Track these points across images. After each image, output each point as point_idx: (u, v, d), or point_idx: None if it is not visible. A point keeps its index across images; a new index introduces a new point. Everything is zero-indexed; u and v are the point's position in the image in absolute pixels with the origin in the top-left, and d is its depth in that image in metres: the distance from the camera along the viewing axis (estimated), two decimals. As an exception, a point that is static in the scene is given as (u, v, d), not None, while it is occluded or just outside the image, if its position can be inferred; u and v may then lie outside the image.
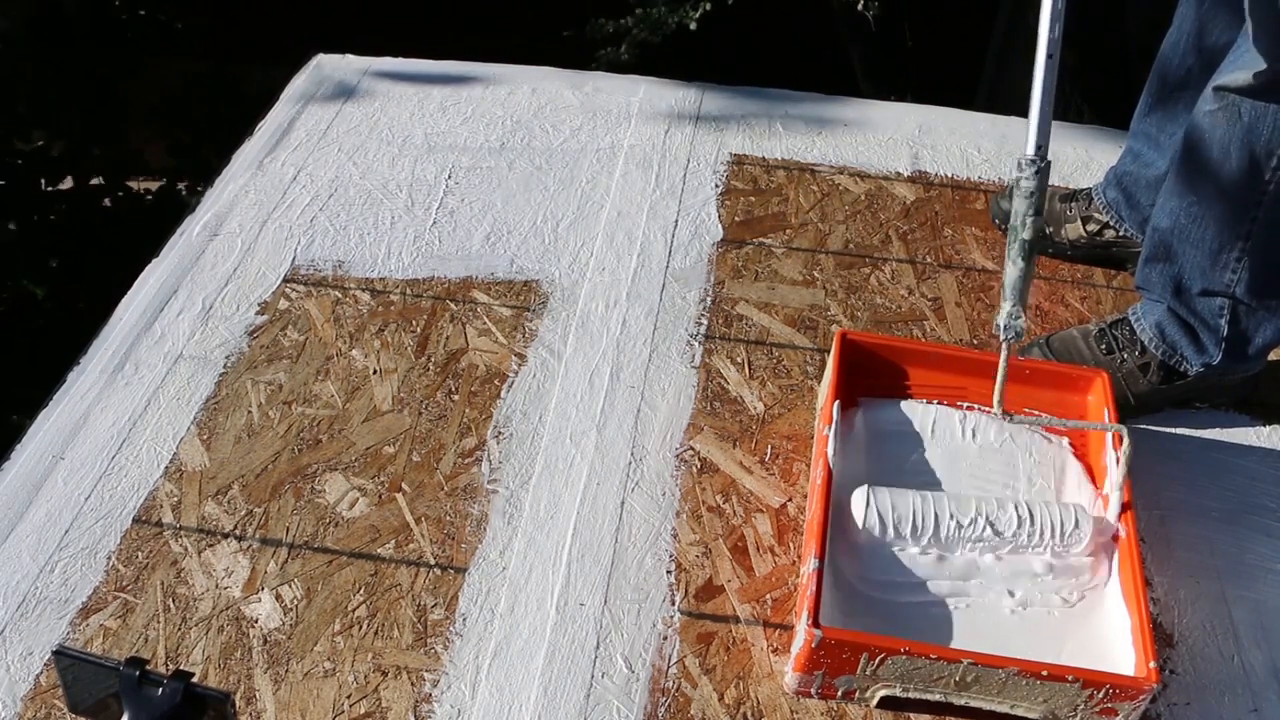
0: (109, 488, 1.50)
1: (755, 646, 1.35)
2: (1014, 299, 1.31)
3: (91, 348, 1.71)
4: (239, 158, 2.10)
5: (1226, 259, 1.52)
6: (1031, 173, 1.27)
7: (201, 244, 1.90)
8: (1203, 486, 1.57)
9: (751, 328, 1.78)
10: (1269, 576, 1.46)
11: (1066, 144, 2.20)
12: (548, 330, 1.75)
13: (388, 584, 1.40)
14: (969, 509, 1.37)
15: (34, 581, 1.39)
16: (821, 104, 2.31)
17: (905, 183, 2.10)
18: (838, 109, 2.29)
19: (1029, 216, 1.28)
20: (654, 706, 1.29)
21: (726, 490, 1.53)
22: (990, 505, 1.38)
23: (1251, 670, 1.36)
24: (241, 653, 1.33)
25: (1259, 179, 1.45)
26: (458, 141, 2.15)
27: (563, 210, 1.99)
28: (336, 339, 1.73)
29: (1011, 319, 1.30)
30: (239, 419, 1.60)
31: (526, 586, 1.40)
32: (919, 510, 1.37)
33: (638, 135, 2.18)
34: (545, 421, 1.61)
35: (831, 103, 2.32)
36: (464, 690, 1.30)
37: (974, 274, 1.90)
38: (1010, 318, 1.30)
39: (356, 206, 1.98)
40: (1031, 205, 1.28)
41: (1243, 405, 1.68)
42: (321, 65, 2.37)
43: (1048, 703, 1.23)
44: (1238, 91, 1.42)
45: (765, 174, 2.10)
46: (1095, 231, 1.88)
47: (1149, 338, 1.63)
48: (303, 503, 1.50)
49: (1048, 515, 1.37)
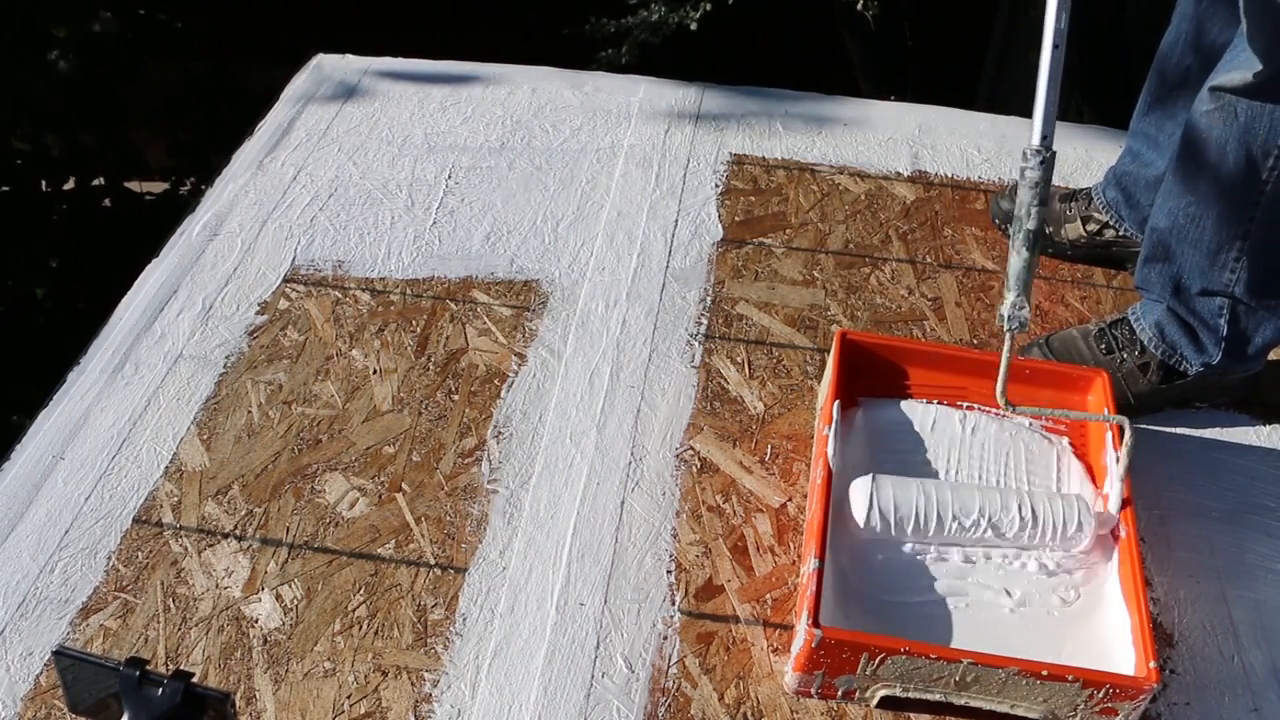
0: (109, 488, 1.50)
1: (755, 646, 1.35)
2: (1018, 289, 1.31)
3: (91, 348, 1.71)
4: (239, 157, 2.10)
5: (1225, 259, 1.52)
6: (1036, 163, 1.27)
7: (201, 244, 1.90)
8: (1203, 486, 1.57)
9: (751, 328, 1.78)
10: (1269, 576, 1.46)
11: (1066, 144, 2.20)
12: (548, 330, 1.75)
13: (388, 584, 1.40)
14: (972, 509, 1.37)
15: (34, 581, 1.39)
16: (821, 104, 2.31)
17: (905, 183, 2.10)
18: (838, 109, 2.30)
19: (1034, 206, 1.28)
20: (654, 706, 1.29)
21: (726, 490, 1.53)
22: (994, 504, 1.38)
23: (1251, 670, 1.36)
24: (241, 653, 1.33)
25: (1256, 179, 1.45)
26: (458, 141, 2.15)
27: (563, 210, 1.99)
28: (336, 339, 1.73)
29: (1015, 309, 1.30)
30: (239, 419, 1.60)
31: (526, 586, 1.40)
32: (921, 509, 1.36)
33: (638, 135, 2.18)
34: (545, 421, 1.61)
35: (831, 102, 2.32)
36: (464, 690, 1.30)
37: (974, 274, 1.90)
38: (1014, 308, 1.30)
39: (356, 206, 1.98)
40: (1036, 195, 1.28)
41: (1243, 405, 1.68)
42: (321, 65, 2.37)
43: (1048, 703, 1.23)
44: (1234, 91, 1.42)
45: (765, 174, 2.10)
46: (1095, 231, 1.88)
47: (1149, 337, 1.63)
48: (303, 503, 1.50)
49: (1050, 514, 1.37)
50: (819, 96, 2.34)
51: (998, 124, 2.27)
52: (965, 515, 1.37)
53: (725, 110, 2.26)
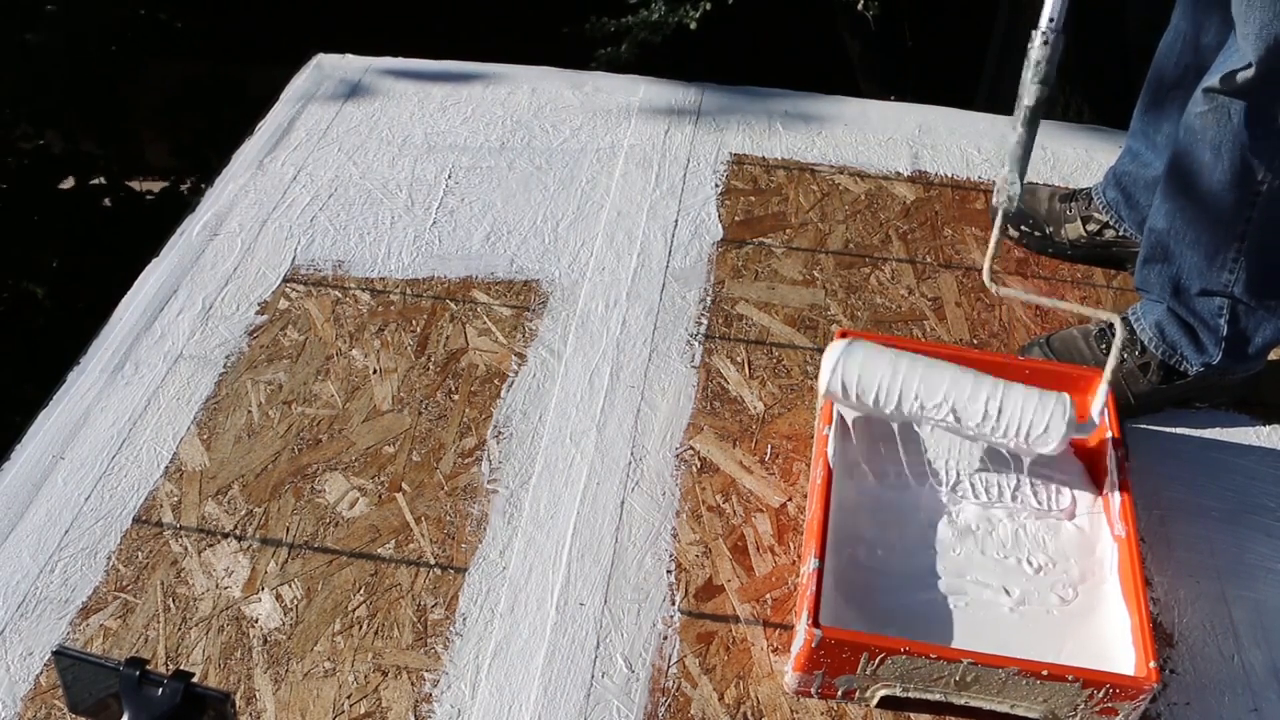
0: (109, 488, 1.50)
1: (755, 646, 1.35)
2: (1011, 164, 1.32)
3: (91, 347, 1.71)
4: (239, 157, 2.10)
5: (1223, 259, 1.52)
6: (1040, 42, 1.28)
7: (201, 244, 1.90)
8: (1203, 486, 1.57)
9: (751, 327, 1.78)
10: (1269, 576, 1.46)
11: (1066, 144, 2.20)
12: (548, 330, 1.75)
13: (388, 584, 1.40)
14: (937, 392, 1.36)
15: (34, 581, 1.39)
16: (821, 103, 2.31)
17: (905, 182, 2.10)
18: (837, 108, 2.30)
19: (1032, 84, 1.29)
20: (654, 706, 1.29)
21: (726, 490, 1.53)
22: (963, 392, 1.37)
23: (1251, 670, 1.36)
24: (241, 653, 1.33)
25: (1251, 179, 1.45)
26: (458, 141, 2.15)
27: (563, 210, 1.99)
28: (336, 339, 1.73)
29: (1007, 184, 1.32)
30: (239, 419, 1.60)
31: (526, 586, 1.40)
32: (885, 383, 1.36)
33: (638, 135, 2.18)
34: (545, 421, 1.61)
35: (831, 102, 2.32)
36: (464, 690, 1.30)
37: (974, 274, 1.90)
38: (1006, 182, 1.32)
39: (356, 206, 1.98)
40: (1036, 74, 1.29)
41: (1243, 405, 1.68)
42: (321, 65, 2.37)
43: (1048, 702, 1.23)
44: (1227, 93, 1.42)
45: (765, 174, 2.10)
46: (1095, 231, 1.88)
47: (1149, 338, 1.63)
48: (303, 502, 1.50)
49: (1019, 412, 1.36)
50: (819, 96, 2.34)
51: (998, 124, 2.27)
52: (929, 397, 1.36)
53: (725, 110, 2.26)
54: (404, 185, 2.04)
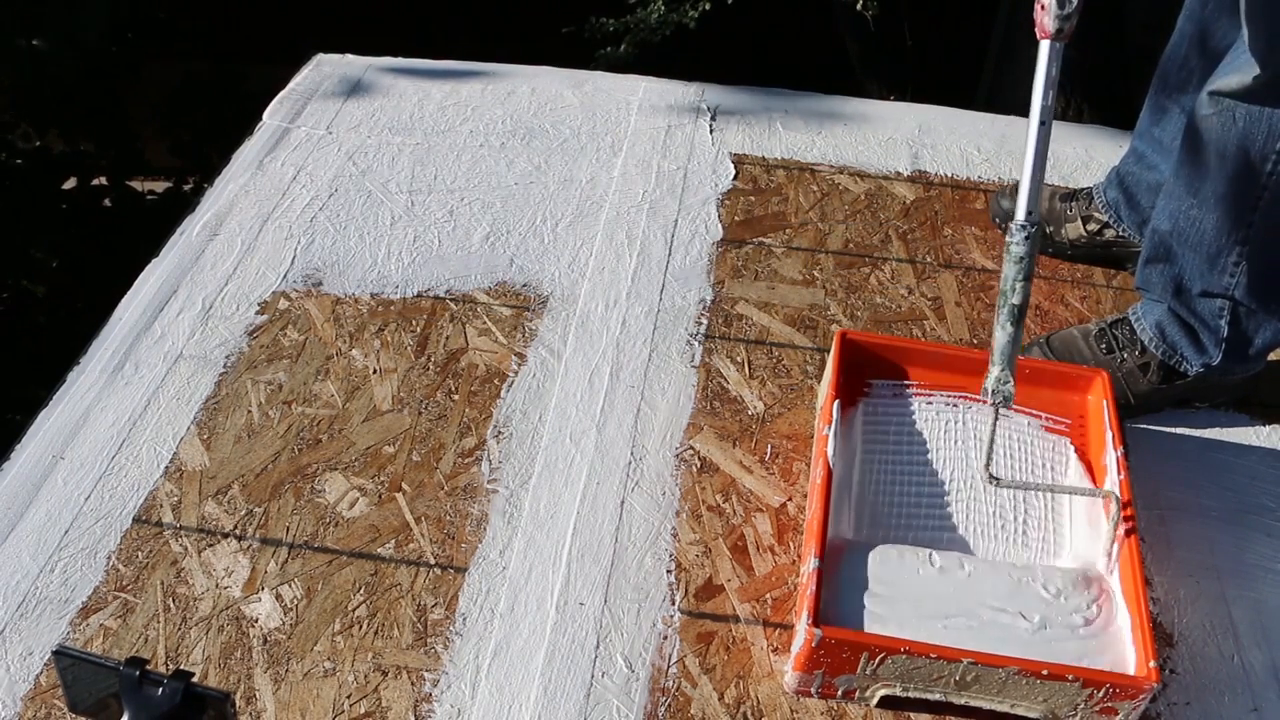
0: (109, 488, 1.50)
1: (755, 646, 1.35)
2: (1002, 364, 1.29)
3: (91, 347, 1.71)
4: (239, 157, 2.10)
5: (1225, 262, 1.52)
6: (1022, 238, 1.27)
7: (201, 244, 1.90)
8: (1203, 486, 1.57)
9: (751, 327, 1.78)
10: (1269, 576, 1.46)
11: (1066, 144, 2.20)
12: (548, 330, 1.75)
13: (388, 584, 1.40)
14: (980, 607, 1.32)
15: (34, 581, 1.39)
16: (821, 103, 2.31)
17: (905, 182, 2.10)
18: (837, 108, 2.30)
19: (1019, 281, 1.27)
20: (654, 706, 1.29)
21: (726, 490, 1.53)
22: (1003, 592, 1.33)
23: (1251, 670, 1.36)
24: (241, 653, 1.33)
25: (1255, 183, 1.45)
26: (457, 141, 2.15)
27: (562, 210, 1.99)
28: (336, 339, 1.73)
29: (1000, 384, 1.29)
30: (239, 419, 1.60)
31: (526, 586, 1.40)
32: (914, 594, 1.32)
33: (637, 135, 2.18)
34: (545, 421, 1.61)
35: (831, 102, 2.32)
36: (464, 690, 1.30)
37: (974, 273, 1.90)
38: (999, 382, 1.29)
39: (356, 206, 1.98)
40: (1022, 270, 1.27)
41: (1243, 405, 1.68)
42: (321, 64, 2.37)
43: (1047, 702, 1.23)
44: (1232, 95, 1.42)
45: (765, 173, 2.10)
46: (1095, 231, 1.88)
47: (1149, 338, 1.63)
48: (303, 502, 1.50)
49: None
50: (819, 96, 2.34)
51: (998, 124, 2.27)
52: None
53: (725, 109, 2.26)
54: (404, 185, 2.04)
